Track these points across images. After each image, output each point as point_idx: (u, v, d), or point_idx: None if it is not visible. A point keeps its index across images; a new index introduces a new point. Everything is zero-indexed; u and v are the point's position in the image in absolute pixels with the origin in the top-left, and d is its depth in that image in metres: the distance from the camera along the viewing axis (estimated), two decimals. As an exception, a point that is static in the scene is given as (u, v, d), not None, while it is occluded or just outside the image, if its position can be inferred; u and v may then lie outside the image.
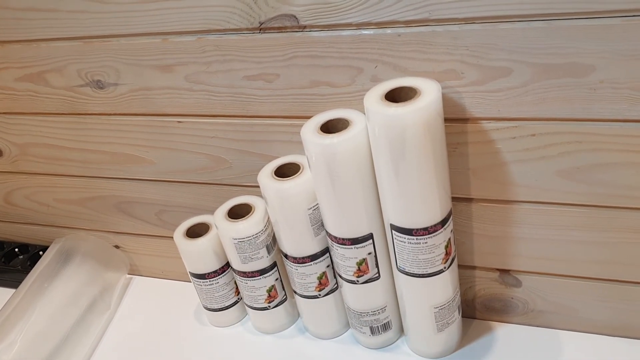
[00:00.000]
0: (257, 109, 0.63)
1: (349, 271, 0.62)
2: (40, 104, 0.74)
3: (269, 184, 0.61)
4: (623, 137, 0.51)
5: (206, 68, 0.62)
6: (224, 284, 0.73)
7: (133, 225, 0.83)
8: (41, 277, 0.79)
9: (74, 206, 0.85)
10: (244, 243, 0.66)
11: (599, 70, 0.48)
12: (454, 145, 0.57)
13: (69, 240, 0.85)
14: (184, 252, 0.72)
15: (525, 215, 0.60)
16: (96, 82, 0.68)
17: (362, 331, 0.68)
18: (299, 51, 0.57)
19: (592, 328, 0.66)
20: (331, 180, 0.56)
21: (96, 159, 0.77)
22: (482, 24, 0.49)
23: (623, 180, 0.54)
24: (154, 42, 0.62)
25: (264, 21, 0.56)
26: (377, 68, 0.55)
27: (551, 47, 0.48)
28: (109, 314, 0.82)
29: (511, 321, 0.69)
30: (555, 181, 0.56)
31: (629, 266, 0.59)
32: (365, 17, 0.53)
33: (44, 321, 0.74)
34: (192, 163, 0.72)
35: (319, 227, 0.63)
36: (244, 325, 0.77)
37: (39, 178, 0.84)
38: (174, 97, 0.66)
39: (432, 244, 0.56)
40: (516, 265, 0.64)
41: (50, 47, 0.67)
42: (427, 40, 0.52)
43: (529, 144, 0.55)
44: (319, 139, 0.54)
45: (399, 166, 0.52)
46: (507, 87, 0.52)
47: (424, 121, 0.50)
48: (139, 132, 0.71)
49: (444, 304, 0.61)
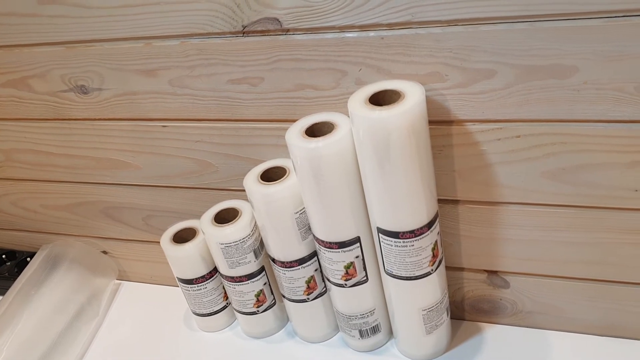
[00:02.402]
0: (242, 113, 0.63)
1: (337, 275, 0.62)
2: (24, 110, 0.73)
3: (255, 188, 0.61)
4: (607, 138, 0.51)
5: (190, 72, 0.61)
6: (212, 289, 0.73)
7: (120, 230, 0.83)
8: (28, 283, 0.78)
9: (61, 212, 0.84)
10: (231, 248, 0.66)
11: (582, 72, 0.48)
12: (439, 148, 0.57)
13: (56, 247, 0.85)
14: (171, 257, 0.71)
15: (511, 217, 0.60)
16: (80, 87, 0.68)
17: (351, 334, 0.68)
18: (282, 54, 0.57)
19: (580, 328, 0.66)
20: (317, 184, 0.55)
21: (82, 165, 0.76)
22: (464, 26, 0.49)
23: (608, 181, 0.54)
24: (137, 46, 0.62)
25: (247, 25, 0.56)
26: (361, 71, 0.55)
27: (534, 49, 0.48)
28: (97, 321, 0.81)
29: (500, 322, 0.69)
30: (540, 182, 0.56)
31: (616, 266, 0.59)
32: (348, 19, 0.52)
33: (31, 329, 0.74)
34: (178, 167, 0.71)
35: (306, 231, 0.62)
36: (233, 330, 0.77)
37: (25, 184, 0.83)
38: (159, 101, 0.65)
39: (419, 247, 0.56)
40: (504, 266, 0.64)
41: (32, 52, 0.67)
42: (410, 43, 0.52)
43: (514, 145, 0.55)
44: (304, 143, 0.54)
45: (384, 169, 0.52)
46: (490, 89, 0.52)
47: (408, 124, 0.49)
48: (124, 137, 0.71)
49: (432, 306, 0.61)
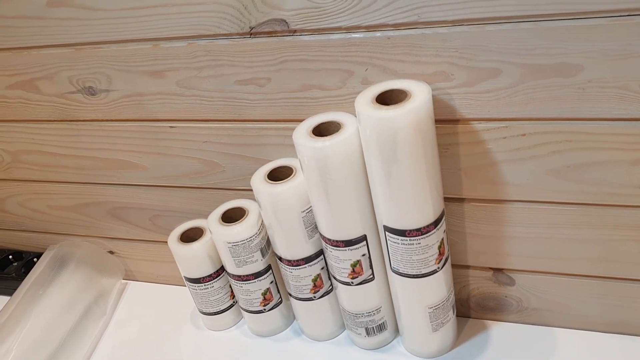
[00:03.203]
0: (249, 113, 0.64)
1: (344, 273, 0.63)
2: (32, 111, 0.74)
3: (262, 187, 0.61)
4: (612, 136, 0.52)
5: (197, 73, 0.62)
6: (219, 287, 0.73)
7: (127, 230, 0.83)
8: (36, 284, 0.79)
9: (68, 212, 0.85)
10: (238, 247, 0.66)
11: (587, 70, 0.49)
12: (445, 146, 0.58)
13: (63, 247, 0.85)
14: (178, 256, 0.72)
15: (517, 214, 0.60)
16: (88, 88, 0.68)
17: (357, 332, 0.68)
18: (289, 55, 0.57)
19: (586, 325, 0.66)
20: (324, 183, 0.56)
21: (89, 165, 0.77)
22: (470, 26, 0.50)
23: (613, 178, 0.54)
24: (144, 48, 0.62)
25: (254, 26, 0.56)
26: (368, 71, 0.56)
27: (539, 48, 0.49)
28: (104, 320, 0.82)
29: (506, 319, 0.70)
30: (546, 180, 0.57)
31: (621, 263, 0.60)
32: (354, 20, 0.53)
33: (40, 328, 0.74)
34: (185, 168, 0.72)
35: (313, 230, 0.63)
36: (239, 329, 0.77)
37: (32, 185, 0.84)
38: (166, 102, 0.66)
39: (426, 245, 0.57)
40: (509, 264, 0.65)
41: (40, 54, 0.67)
42: (417, 43, 0.52)
43: (520, 143, 0.55)
44: (311, 142, 0.55)
45: (390, 168, 0.52)
46: (496, 88, 0.52)
47: (414, 123, 0.50)
48: (131, 138, 0.71)
49: (439, 304, 0.62)
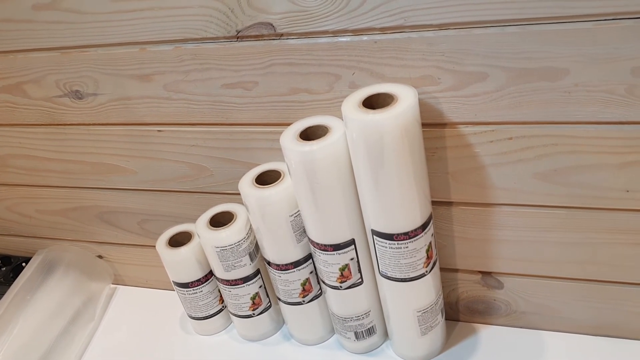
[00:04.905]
0: (236, 117, 0.63)
1: (332, 277, 0.62)
2: (18, 115, 0.73)
3: (250, 191, 0.61)
4: (598, 139, 0.52)
5: (184, 77, 0.62)
6: (208, 292, 0.73)
7: (116, 235, 0.83)
8: (24, 289, 0.78)
9: (56, 217, 0.84)
10: (226, 251, 0.66)
11: (573, 74, 0.49)
12: (432, 150, 0.58)
13: (51, 251, 0.85)
14: (166, 261, 0.71)
15: (504, 218, 0.60)
16: (75, 92, 0.68)
17: (346, 336, 0.68)
18: (276, 59, 0.57)
19: (574, 328, 0.66)
20: (311, 186, 0.56)
21: (77, 170, 0.76)
22: (456, 30, 0.50)
23: (599, 182, 0.54)
24: (131, 51, 0.62)
25: (241, 29, 0.56)
26: (355, 75, 0.56)
27: (525, 52, 0.49)
28: (93, 325, 0.81)
29: (494, 323, 0.70)
30: (533, 183, 0.57)
31: (608, 266, 0.60)
32: (341, 24, 0.53)
33: (28, 333, 0.74)
34: (173, 172, 0.72)
35: (301, 234, 0.63)
36: (229, 333, 0.77)
37: (20, 189, 0.83)
38: (153, 106, 0.66)
39: (413, 249, 0.57)
40: (497, 267, 0.65)
41: (27, 58, 0.67)
42: (403, 47, 0.52)
43: (507, 147, 0.55)
44: (298, 146, 0.54)
45: (378, 172, 0.52)
46: (483, 92, 0.52)
47: (401, 127, 0.50)
48: (119, 142, 0.71)
49: (427, 307, 0.62)
